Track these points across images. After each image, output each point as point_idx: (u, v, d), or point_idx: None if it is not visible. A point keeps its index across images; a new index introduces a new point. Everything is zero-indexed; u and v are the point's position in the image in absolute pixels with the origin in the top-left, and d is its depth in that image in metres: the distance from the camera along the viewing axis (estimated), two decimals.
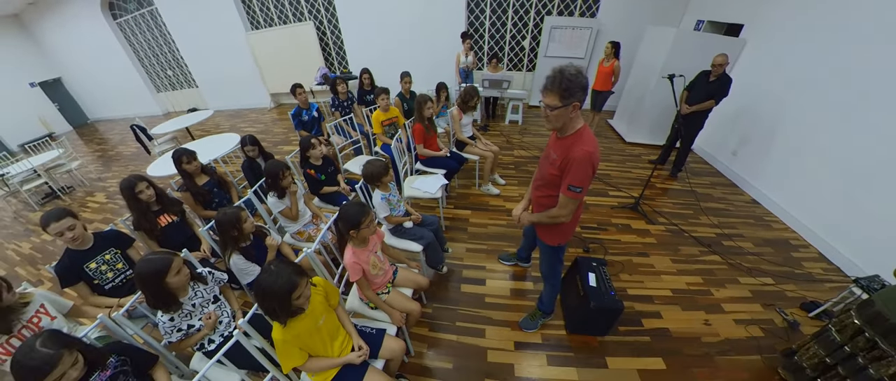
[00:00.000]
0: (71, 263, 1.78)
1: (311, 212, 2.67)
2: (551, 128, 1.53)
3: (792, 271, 2.75)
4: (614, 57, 4.37)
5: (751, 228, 3.25)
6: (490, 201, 3.51)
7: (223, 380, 1.56)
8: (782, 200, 3.40)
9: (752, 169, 3.78)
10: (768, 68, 3.64)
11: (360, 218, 1.62)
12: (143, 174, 2.20)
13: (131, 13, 6.74)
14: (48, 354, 1.06)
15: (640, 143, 4.79)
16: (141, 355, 1.45)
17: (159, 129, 5.17)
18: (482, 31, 5.96)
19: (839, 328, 1.70)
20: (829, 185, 2.98)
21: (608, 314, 2.05)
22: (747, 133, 3.83)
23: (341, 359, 1.46)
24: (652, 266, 2.75)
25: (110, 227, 2.09)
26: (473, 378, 1.98)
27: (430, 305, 2.41)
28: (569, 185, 1.50)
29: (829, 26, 3.07)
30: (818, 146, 3.11)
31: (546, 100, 1.40)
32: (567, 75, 1.31)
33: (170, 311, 1.51)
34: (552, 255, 1.96)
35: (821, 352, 1.76)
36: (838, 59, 2.97)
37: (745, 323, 2.29)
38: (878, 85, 2.64)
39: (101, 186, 5.00)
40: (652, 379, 1.95)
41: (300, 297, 1.27)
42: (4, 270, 3.30)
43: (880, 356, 1.53)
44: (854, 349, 1.63)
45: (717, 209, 3.48)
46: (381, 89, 3.45)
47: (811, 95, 3.19)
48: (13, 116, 6.20)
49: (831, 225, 2.94)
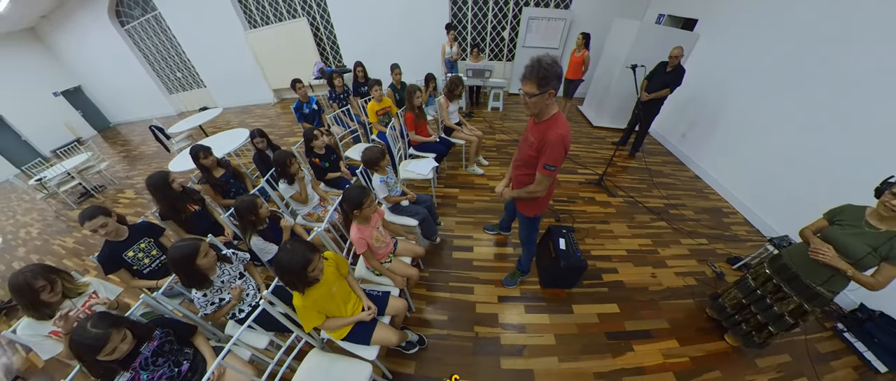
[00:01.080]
0: (110, 253, 1.76)
1: (319, 196, 2.64)
2: (529, 114, 1.51)
3: (722, 233, 2.93)
4: (585, 47, 4.28)
5: (692, 198, 3.39)
6: (475, 180, 3.53)
7: (255, 342, 1.61)
8: (718, 175, 3.55)
9: (696, 150, 3.88)
10: (716, 61, 3.66)
11: (362, 199, 1.63)
12: (168, 171, 2.13)
13: (137, 19, 6.15)
14: (98, 333, 1.09)
15: (606, 127, 4.81)
16: (181, 326, 1.48)
17: (175, 128, 4.93)
18: (465, 22, 5.71)
19: (754, 277, 1.84)
20: (755, 163, 3.12)
21: (575, 271, 2.18)
22: (695, 118, 3.89)
23: (354, 318, 1.52)
24: (611, 231, 2.86)
25: (142, 219, 2.04)
26: (465, 326, 2.07)
27: (427, 269, 2.46)
28: (544, 164, 1.50)
29: (767, 25, 3.10)
30: (749, 131, 3.22)
31: (525, 88, 1.37)
32: (544, 65, 1.28)
33: (202, 288, 1.53)
34: (529, 224, 2.00)
35: (739, 295, 1.91)
36: (771, 57, 3.02)
37: (683, 275, 2.46)
38: (802, 80, 2.73)
39: (130, 184, 4.82)
40: (608, 320, 2.11)
41: (315, 269, 1.29)
42: (53, 262, 3.24)
43: (783, 297, 1.70)
44: (764, 292, 1.78)
45: (666, 184, 3.60)
46: (374, 81, 3.34)
47: (748, 87, 3.26)
48: (42, 125, 5.83)
49: (754, 195, 3.12)
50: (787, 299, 1.68)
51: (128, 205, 4.23)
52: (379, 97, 3.32)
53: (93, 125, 6.76)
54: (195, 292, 1.52)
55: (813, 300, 1.59)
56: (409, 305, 2.04)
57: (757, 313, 1.82)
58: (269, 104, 6.61)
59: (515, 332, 2.04)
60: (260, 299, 1.41)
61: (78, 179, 4.53)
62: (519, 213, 1.96)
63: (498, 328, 2.06)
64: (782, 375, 1.85)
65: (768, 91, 3.04)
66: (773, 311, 1.74)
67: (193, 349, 1.48)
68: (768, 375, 1.85)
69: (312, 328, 1.41)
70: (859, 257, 1.38)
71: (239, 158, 3.50)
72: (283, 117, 6.00)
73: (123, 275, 1.79)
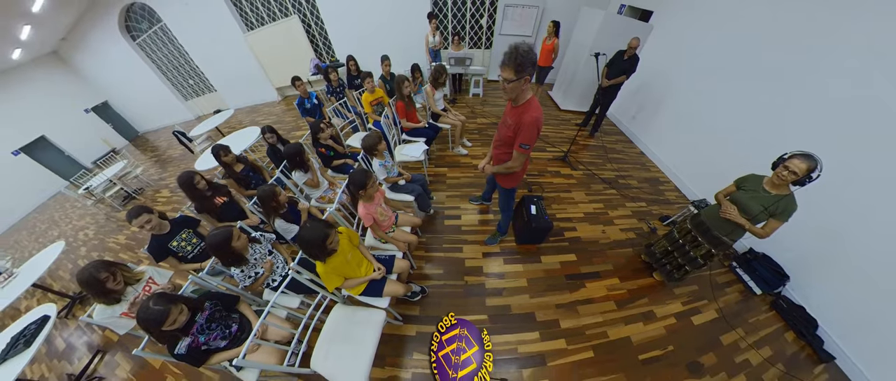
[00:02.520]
0: (157, 244, 1.76)
1: (327, 181, 2.62)
2: (507, 98, 1.47)
3: (657, 197, 3.11)
4: (555, 35, 4.08)
5: (637, 171, 3.50)
6: (460, 159, 3.53)
7: (288, 303, 1.69)
8: (658, 151, 3.64)
9: (642, 130, 3.92)
10: (664, 52, 3.60)
11: (365, 181, 1.63)
12: (195, 171, 2.08)
13: (145, 32, 5.48)
14: (159, 309, 1.15)
15: (571, 110, 4.77)
16: (227, 297, 1.52)
17: (195, 131, 4.64)
18: (446, 11, 5.27)
19: (679, 231, 2.02)
20: (686, 141, 3.24)
21: (543, 231, 2.30)
22: (643, 103, 3.89)
23: (367, 277, 1.57)
24: (572, 198, 2.97)
25: (180, 213, 2.02)
26: (457, 277, 2.19)
27: (424, 235, 2.51)
28: (520, 143, 1.48)
29: (706, 22, 3.07)
30: (684, 114, 3.29)
31: (503, 74, 1.30)
32: (520, 51, 1.21)
33: (239, 266, 1.56)
34: (507, 194, 2.03)
35: (666, 244, 2.10)
36: (707, 50, 3.03)
37: (626, 231, 2.64)
38: (728, 73, 2.79)
39: (164, 184, 4.61)
40: (567, 266, 2.29)
41: (332, 242, 1.32)
42: (111, 257, 3.21)
43: (697, 244, 1.89)
44: (684, 241, 1.97)
45: (617, 159, 3.68)
46: (366, 73, 3.16)
47: (686, 77, 3.28)
48: (80, 140, 5.48)
49: (683, 167, 3.27)
50: (700, 246, 1.87)
51: (165, 202, 4.11)
52: (372, 88, 3.17)
53: (124, 136, 6.37)
54: (234, 269, 1.56)
55: (718, 246, 1.78)
56: (411, 264, 2.11)
57: (678, 257, 2.02)
58: (274, 102, 6.17)
59: (496, 279, 2.19)
60: (288, 269, 1.47)
61: (119, 185, 4.41)
62: (498, 185, 1.97)
63: (483, 277, 2.20)
64: (691, 299, 2.13)
65: (702, 81, 3.09)
66: (690, 255, 1.94)
67: (239, 314, 1.54)
68: (682, 300, 2.12)
69: (334, 288, 1.46)
70: (754, 215, 1.55)
71: (254, 154, 3.38)
72: (288, 113, 5.68)
73: (171, 261, 1.81)
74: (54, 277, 3.22)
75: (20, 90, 4.99)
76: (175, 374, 1.89)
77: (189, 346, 1.27)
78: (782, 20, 2.38)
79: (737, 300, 2.18)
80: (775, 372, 1.78)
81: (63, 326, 2.47)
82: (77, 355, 2.20)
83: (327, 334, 1.51)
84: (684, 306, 2.09)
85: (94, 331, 2.32)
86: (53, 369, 2.15)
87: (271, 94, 6.11)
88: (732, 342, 1.91)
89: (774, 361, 1.83)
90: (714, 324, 2.00)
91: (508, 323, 1.92)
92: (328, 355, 1.44)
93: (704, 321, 2.02)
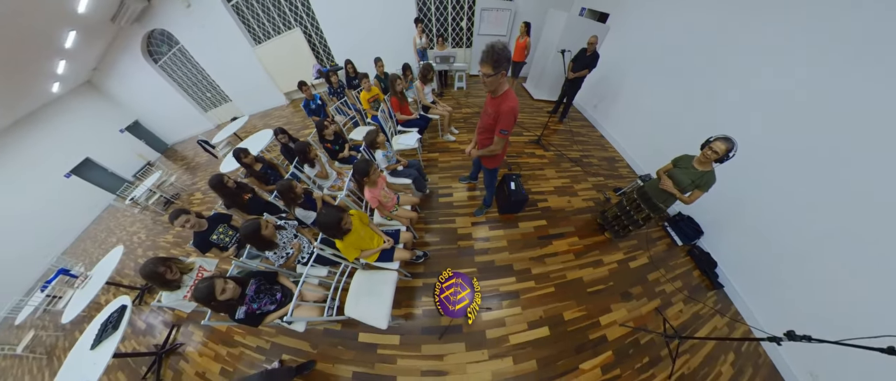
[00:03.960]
0: (200, 239, 1.80)
1: (336, 172, 2.64)
2: (487, 91, 1.45)
3: (613, 173, 3.22)
4: (527, 34, 4.02)
5: (598, 151, 3.56)
6: (449, 145, 3.52)
7: (318, 273, 1.77)
8: (615, 134, 3.71)
9: (603, 116, 3.95)
10: (619, 49, 3.58)
11: (368, 169, 1.64)
12: (222, 173, 2.09)
13: (166, 55, 5.26)
14: (206, 284, 1.24)
15: (543, 99, 4.75)
16: (267, 274, 1.60)
17: (216, 138, 4.52)
18: (430, 15, 5.10)
19: (627, 199, 2.18)
20: (637, 126, 3.32)
21: (520, 203, 2.41)
22: (603, 93, 3.90)
23: (379, 248, 1.66)
24: (545, 175, 3.04)
25: (214, 211, 2.04)
26: (451, 242, 2.31)
27: (422, 212, 2.57)
28: (500, 129, 1.49)
29: (655, 23, 3.06)
30: (634, 103, 3.34)
31: (483, 69, 1.29)
32: (496, 50, 1.21)
33: (272, 249, 1.63)
34: (490, 174, 2.09)
35: (616, 210, 2.27)
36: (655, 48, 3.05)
37: (587, 200, 2.78)
38: (671, 68, 2.82)
39: (196, 188, 4.54)
40: (539, 230, 2.43)
41: (346, 223, 1.37)
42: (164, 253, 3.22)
43: (640, 210, 2.05)
44: (630, 208, 2.13)
45: (582, 141, 3.71)
46: (363, 74, 3.10)
47: (638, 70, 3.31)
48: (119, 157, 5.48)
49: (633, 146, 3.39)
50: (642, 211, 2.04)
51: (200, 203, 4.09)
52: (368, 87, 3.12)
53: (155, 149, 6.30)
54: (268, 253, 1.63)
55: (655, 211, 1.95)
56: (413, 235, 2.20)
57: (624, 219, 2.20)
58: (283, 106, 6.02)
59: (483, 242, 2.32)
60: (314, 247, 1.58)
61: (158, 193, 4.39)
62: (483, 166, 2.02)
63: (472, 241, 2.33)
64: (630, 250, 2.38)
65: (649, 76, 3.14)
66: (633, 218, 2.11)
67: (280, 285, 1.63)
68: (623, 251, 2.36)
69: (354, 258, 1.53)
70: (684, 187, 1.69)
71: (270, 153, 3.36)
72: (296, 115, 5.50)
73: (214, 252, 1.86)
74: (121, 274, 3.27)
75: (63, 119, 5.00)
76: (240, 334, 2.03)
77: (245, 311, 1.37)
78: (710, 27, 2.45)
79: (663, 250, 2.44)
80: (681, 296, 2.11)
81: (139, 311, 2.61)
82: (157, 330, 2.35)
83: (354, 291, 1.64)
84: (625, 255, 2.32)
85: (166, 312, 2.42)
86: (141, 343, 2.31)
87: (280, 98, 5.97)
88: (655, 279, 2.19)
89: (682, 289, 2.15)
90: (645, 267, 2.26)
91: (492, 273, 2.11)
92: (358, 304, 1.58)
93: (638, 265, 2.27)
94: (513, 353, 1.71)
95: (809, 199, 1.75)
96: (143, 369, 2.03)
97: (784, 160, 1.89)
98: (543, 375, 1.63)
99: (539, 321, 1.85)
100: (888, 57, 1.44)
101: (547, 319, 1.87)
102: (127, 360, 2.13)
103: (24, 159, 4.56)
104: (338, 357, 1.76)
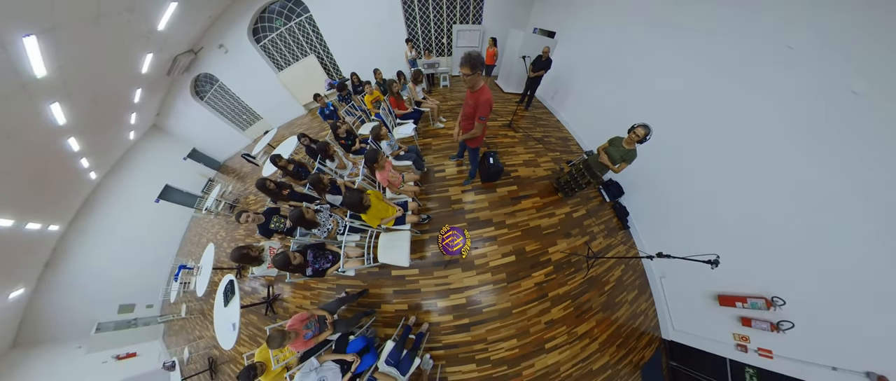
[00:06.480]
0: (263, 229, 1.86)
1: (351, 162, 2.63)
2: (467, 87, 1.49)
3: (566, 150, 3.22)
4: (494, 46, 4.01)
5: (555, 132, 3.49)
6: (440, 131, 3.45)
7: (353, 238, 1.87)
8: (568, 119, 3.70)
9: (558, 106, 3.94)
10: (566, 56, 3.53)
11: (377, 156, 1.66)
12: (264, 177, 2.12)
13: (209, 92, 5.09)
14: (283, 255, 1.34)
15: (512, 92, 4.59)
16: (317, 244, 1.73)
17: (255, 150, 4.45)
18: (418, 34, 4.90)
19: (575, 169, 2.30)
20: (583, 113, 3.36)
21: (498, 173, 2.46)
22: (557, 88, 3.88)
23: (393, 215, 1.74)
24: (516, 151, 2.99)
25: (266, 207, 2.05)
26: (447, 206, 2.41)
27: (423, 185, 2.60)
28: (479, 117, 1.53)
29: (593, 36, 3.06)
30: (581, 94, 3.36)
31: (463, 71, 1.34)
32: (472, 56, 1.29)
33: (316, 227, 1.71)
34: (474, 152, 2.14)
35: (567, 177, 2.39)
36: (595, 54, 3.04)
37: (548, 170, 2.82)
38: (610, 67, 2.81)
39: (249, 192, 4.49)
40: (512, 193, 2.51)
41: (365, 201, 1.44)
42: (241, 243, 3.39)
43: (583, 176, 2.20)
44: (578, 175, 2.25)
45: (543, 124, 3.65)
46: (365, 82, 3.08)
47: (582, 71, 3.32)
48: (188, 179, 5.52)
49: (581, 129, 3.43)
50: (585, 177, 2.16)
51: (254, 202, 4.13)
52: (370, 91, 3.05)
53: (212, 168, 6.33)
54: (314, 230, 1.71)
55: (594, 178, 2.09)
56: (418, 204, 2.17)
57: (572, 183, 2.34)
58: (303, 115, 5.87)
59: (470, 204, 2.43)
60: (346, 222, 1.67)
61: (223, 201, 4.44)
62: (467, 146, 2.04)
63: (462, 204, 2.43)
64: (575, 205, 2.58)
65: (590, 75, 3.17)
66: (579, 183, 2.25)
67: (330, 251, 1.74)
68: (569, 206, 2.56)
69: (376, 225, 1.61)
70: (615, 160, 1.80)
71: (298, 155, 3.31)
72: (314, 121, 5.32)
73: (275, 236, 1.93)
74: (219, 262, 3.42)
75: (142, 158, 5.17)
76: (314, 283, 2.41)
77: (313, 269, 1.52)
78: (625, 41, 2.54)
79: (596, 205, 2.68)
80: (602, 233, 2.49)
81: (242, 281, 2.95)
82: (259, 291, 2.78)
83: (382, 246, 1.77)
84: (570, 208, 2.53)
85: (259, 279, 2.72)
86: (253, 298, 2.74)
87: (300, 110, 5.89)
88: (588, 224, 2.49)
89: (603, 230, 2.51)
90: (583, 216, 2.52)
91: (478, 225, 2.31)
92: (386, 253, 1.72)
93: (579, 215, 2.52)
94: (491, 270, 2.10)
95: (690, 168, 2.06)
96: (263, 310, 2.50)
97: (676, 142, 2.09)
98: (509, 280, 2.08)
99: (509, 253, 2.17)
100: (735, 70, 1.70)
101: (514, 251, 2.18)
102: (250, 308, 2.62)
103: (126, 197, 4.80)
104: (381, 285, 2.16)
